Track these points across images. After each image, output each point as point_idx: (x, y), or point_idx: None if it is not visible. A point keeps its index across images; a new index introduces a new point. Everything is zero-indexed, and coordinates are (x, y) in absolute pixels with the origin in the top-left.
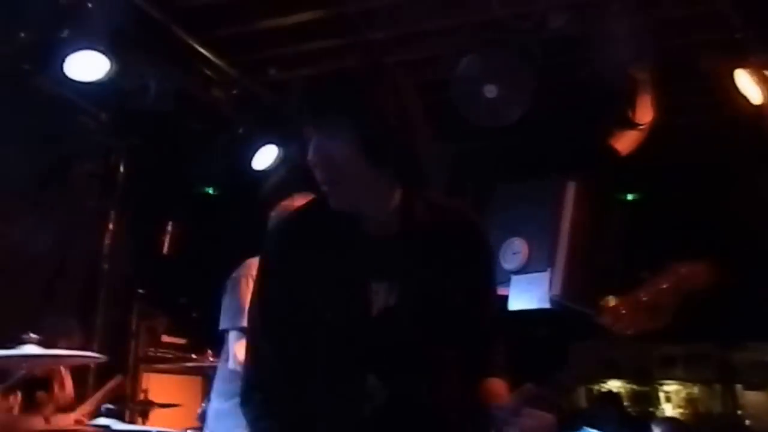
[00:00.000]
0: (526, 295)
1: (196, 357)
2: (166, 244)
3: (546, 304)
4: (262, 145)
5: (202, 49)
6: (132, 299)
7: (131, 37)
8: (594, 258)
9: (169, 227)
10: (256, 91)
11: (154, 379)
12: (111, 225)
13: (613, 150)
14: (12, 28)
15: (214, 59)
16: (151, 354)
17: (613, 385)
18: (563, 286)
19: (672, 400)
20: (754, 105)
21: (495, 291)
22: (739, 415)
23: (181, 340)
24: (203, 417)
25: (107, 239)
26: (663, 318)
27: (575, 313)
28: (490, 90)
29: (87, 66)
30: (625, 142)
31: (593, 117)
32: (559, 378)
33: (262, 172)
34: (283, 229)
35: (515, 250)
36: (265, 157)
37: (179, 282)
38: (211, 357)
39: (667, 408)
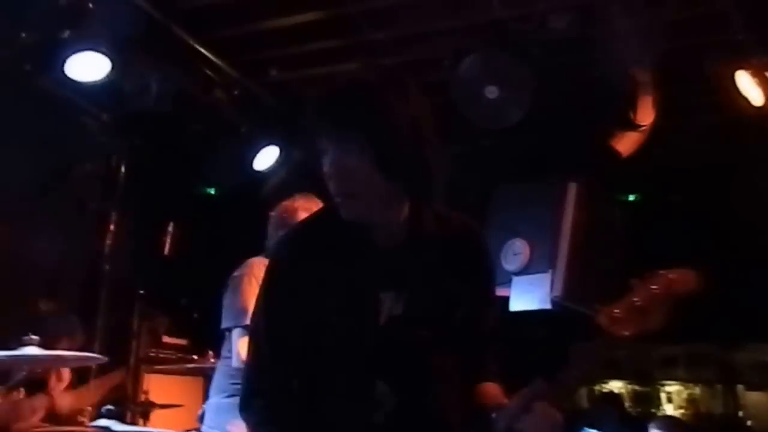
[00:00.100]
0: (527, 296)
1: (197, 358)
2: (168, 245)
3: (547, 305)
4: (263, 145)
5: (203, 50)
6: (133, 300)
7: (132, 38)
8: (595, 259)
9: (170, 228)
10: (257, 91)
11: (155, 380)
12: (112, 226)
13: (614, 151)
14: (13, 29)
15: (216, 60)
16: (152, 355)
17: (615, 385)
18: (564, 287)
19: (673, 401)
20: (756, 106)
21: (495, 299)
22: (741, 416)
23: (182, 341)
24: (203, 418)
25: (108, 240)
26: (656, 321)
27: (576, 314)
28: (491, 91)
29: (88, 67)
30: (626, 144)
31: (594, 118)
32: (559, 378)
33: (263, 173)
34: (293, 238)
35: (516, 251)
36: (267, 157)
37: (180, 283)
38: (212, 358)
39: (669, 408)
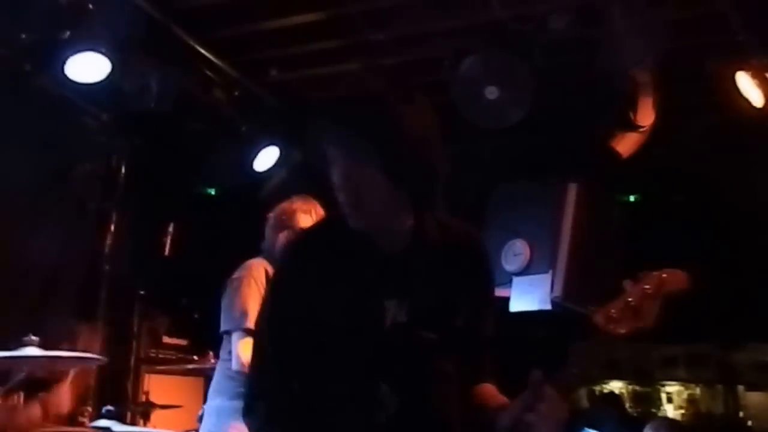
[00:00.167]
0: (527, 296)
1: (198, 358)
2: (168, 245)
3: (547, 306)
4: (263, 146)
5: (203, 50)
6: (133, 300)
7: (132, 38)
8: (595, 260)
9: (170, 228)
10: (257, 92)
11: (155, 381)
12: (112, 226)
13: (614, 152)
14: (13, 29)
15: (216, 60)
16: (153, 355)
17: (615, 386)
18: (564, 287)
19: (674, 401)
20: (756, 107)
21: (494, 303)
22: (741, 416)
23: (182, 341)
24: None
25: (108, 240)
26: (649, 319)
27: (576, 315)
28: (491, 91)
29: (88, 67)
30: (626, 144)
31: (594, 119)
32: (559, 379)
33: (263, 174)
34: (299, 243)
35: (517, 252)
36: (267, 158)
37: (180, 283)
38: (212, 359)
39: (669, 409)
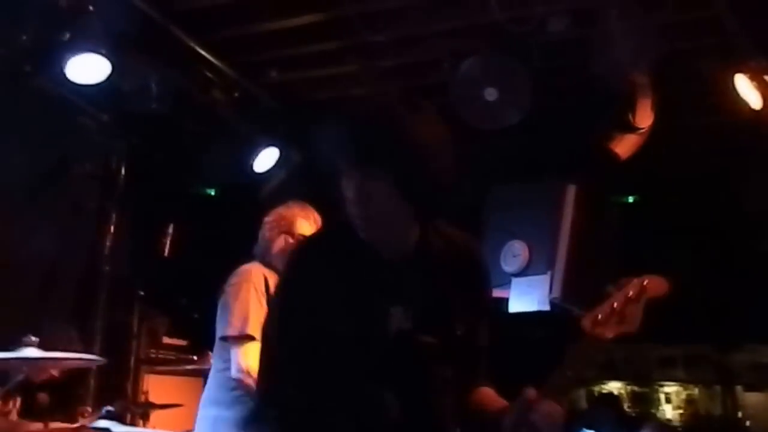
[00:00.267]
0: (526, 297)
1: (197, 358)
2: (167, 246)
3: (546, 307)
4: (262, 147)
5: (202, 51)
6: (132, 301)
7: (132, 39)
8: (593, 261)
9: (169, 229)
10: (256, 93)
11: (154, 381)
12: (111, 226)
13: (612, 153)
14: (13, 30)
15: (215, 61)
16: (152, 355)
17: (613, 386)
18: (563, 288)
19: (672, 402)
20: (754, 110)
21: (491, 311)
22: (740, 417)
23: (181, 342)
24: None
25: (107, 240)
26: (633, 323)
27: (575, 316)
28: (490, 93)
29: (88, 69)
30: (624, 146)
31: (593, 120)
32: (557, 379)
33: (262, 174)
34: (303, 252)
35: (515, 253)
36: (266, 159)
37: (180, 283)
38: (212, 359)
39: (667, 409)
